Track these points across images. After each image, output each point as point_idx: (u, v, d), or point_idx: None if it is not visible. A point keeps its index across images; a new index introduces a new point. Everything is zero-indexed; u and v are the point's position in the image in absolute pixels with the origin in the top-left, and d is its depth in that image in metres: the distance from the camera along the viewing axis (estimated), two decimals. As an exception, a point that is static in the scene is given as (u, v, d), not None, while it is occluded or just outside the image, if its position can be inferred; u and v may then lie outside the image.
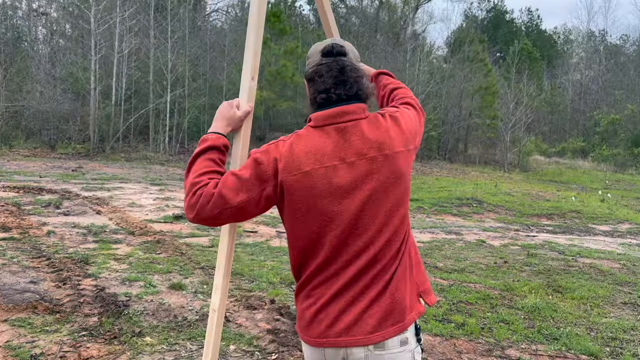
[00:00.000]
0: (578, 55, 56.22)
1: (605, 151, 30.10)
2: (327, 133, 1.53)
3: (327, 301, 1.52)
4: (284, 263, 5.96)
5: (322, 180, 1.49)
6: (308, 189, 1.49)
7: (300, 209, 1.51)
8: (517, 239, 8.88)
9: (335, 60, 1.59)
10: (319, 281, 1.55)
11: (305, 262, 1.57)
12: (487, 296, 5.29)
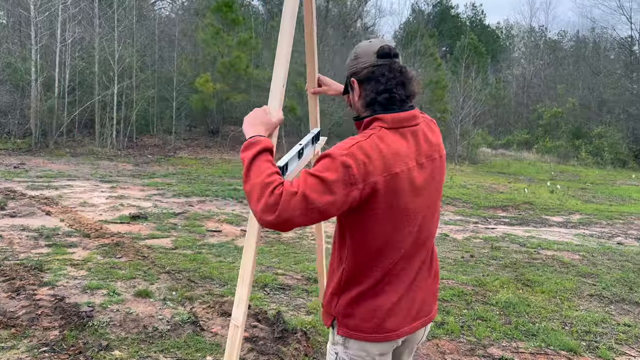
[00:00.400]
0: (520, 50, 58.33)
1: (549, 143, 31.31)
2: (404, 135, 1.63)
3: (403, 294, 1.68)
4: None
5: (405, 181, 1.58)
6: (393, 190, 1.56)
7: (384, 208, 1.57)
8: (478, 231, 9.01)
9: (393, 62, 1.68)
10: (393, 276, 1.66)
11: (377, 261, 1.65)
12: (462, 292, 5.29)
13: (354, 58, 1.73)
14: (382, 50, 1.67)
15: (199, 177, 13.50)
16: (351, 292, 1.68)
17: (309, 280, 5.30)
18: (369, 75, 1.67)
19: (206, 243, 6.63)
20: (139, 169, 14.58)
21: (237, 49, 20.08)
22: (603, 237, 9.22)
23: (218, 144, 21.63)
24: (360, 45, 1.75)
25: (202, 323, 4.12)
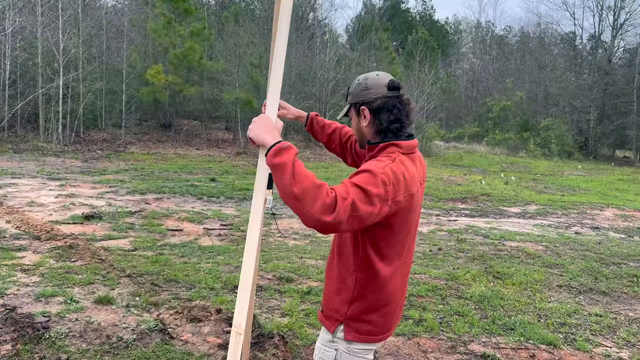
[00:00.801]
0: (467, 45, 59.75)
1: (498, 136, 32.18)
2: (414, 160, 1.87)
3: (400, 295, 1.94)
4: (221, 264, 5.48)
5: (415, 200, 1.82)
6: (408, 208, 1.78)
7: (399, 224, 1.79)
8: (442, 224, 9.03)
9: (401, 95, 1.90)
10: (397, 282, 1.89)
11: (390, 270, 1.84)
12: (435, 287, 5.21)
13: (365, 88, 1.90)
14: (392, 83, 1.88)
15: (153, 173, 12.98)
16: (367, 300, 1.84)
17: (280, 280, 5.09)
18: (381, 106, 1.86)
19: (167, 243, 6.30)
20: (88, 165, 13.89)
21: (190, 39, 19.46)
22: (560, 227, 9.44)
23: (171, 138, 20.96)
24: (369, 77, 1.92)
25: (170, 330, 3.84)
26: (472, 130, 35.17)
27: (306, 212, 1.54)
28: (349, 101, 1.97)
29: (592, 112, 32.74)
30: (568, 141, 30.47)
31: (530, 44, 44.86)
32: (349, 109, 1.98)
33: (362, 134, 1.95)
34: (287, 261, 5.78)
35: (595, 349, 4.05)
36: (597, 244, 7.90)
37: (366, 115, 1.90)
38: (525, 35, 52.30)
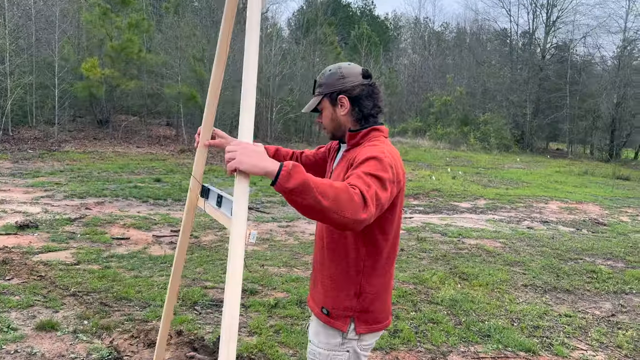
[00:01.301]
0: (407, 41, 60.79)
1: (440, 130, 32.83)
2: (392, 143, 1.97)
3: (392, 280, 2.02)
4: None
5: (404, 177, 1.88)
6: (403, 189, 1.88)
7: (399, 205, 1.88)
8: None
9: (374, 82, 1.97)
10: (392, 267, 1.98)
11: (391, 255, 1.93)
12: (405, 292, 5.03)
13: (341, 77, 1.92)
14: (366, 72, 1.94)
15: (92, 174, 12.17)
16: (372, 290, 1.88)
17: (243, 292, 4.74)
18: (360, 93, 1.91)
19: (114, 254, 5.78)
20: (19, 166, 12.84)
21: (128, 31, 18.46)
22: (512, 221, 9.58)
23: (109, 135, 19.88)
24: (342, 66, 1.96)
25: (126, 359, 3.43)
26: (415, 125, 35.69)
27: (342, 219, 1.52)
28: (321, 92, 1.96)
29: (528, 107, 34.02)
30: (506, 135, 31.52)
31: (468, 40, 46.12)
32: (320, 100, 1.96)
33: (339, 124, 1.97)
34: (249, 269, 5.44)
35: (572, 353, 3.98)
36: (550, 239, 8.02)
37: (344, 104, 1.92)
38: (462, 31, 53.80)
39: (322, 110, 1.99)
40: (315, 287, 2.02)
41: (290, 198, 1.50)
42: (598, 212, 11.72)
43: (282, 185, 1.48)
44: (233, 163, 1.48)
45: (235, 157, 1.47)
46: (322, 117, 2.01)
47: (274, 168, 1.48)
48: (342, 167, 1.94)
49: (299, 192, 1.47)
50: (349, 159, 1.90)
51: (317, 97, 1.97)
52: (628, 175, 22.36)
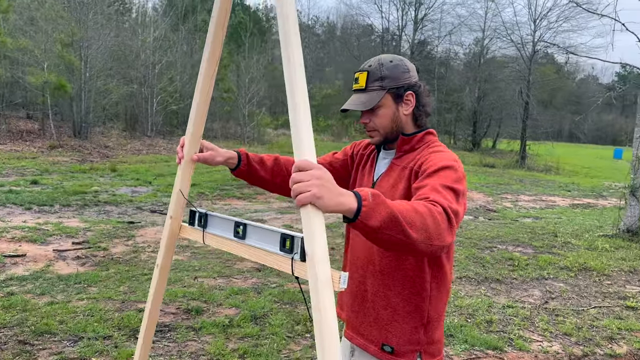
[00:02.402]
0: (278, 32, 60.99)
1: (322, 122, 33.40)
2: None
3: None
4: (100, 300, 4.34)
5: None
6: None
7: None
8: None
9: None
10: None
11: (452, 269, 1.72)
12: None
13: (406, 70, 1.68)
14: (417, 67, 1.75)
15: (-53, 176, 10.34)
16: (437, 317, 1.65)
17: (188, 312, 4.20)
18: (422, 91, 1.70)
19: (12, 276, 4.83)
20: None
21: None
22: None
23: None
24: (403, 58, 1.72)
25: (73, 412, 2.80)
26: (297, 117, 35.88)
27: (430, 248, 1.29)
28: (384, 85, 1.65)
29: (402, 100, 35.85)
30: (383, 126, 32.96)
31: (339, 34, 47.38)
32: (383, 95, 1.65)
33: (398, 125, 1.71)
34: (182, 284, 4.87)
35: (531, 346, 4.08)
36: (460, 228, 8.37)
37: (410, 101, 1.69)
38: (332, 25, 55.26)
39: (379, 108, 1.68)
40: (366, 320, 1.71)
41: (373, 237, 1.24)
42: (484, 199, 12.60)
43: (365, 224, 1.19)
44: (307, 197, 1.15)
45: (311, 190, 1.15)
46: (373, 116, 1.70)
47: (353, 203, 1.19)
48: (395, 179, 1.69)
49: (385, 228, 1.21)
50: (406, 168, 1.66)
51: (379, 92, 1.65)
52: (493, 163, 24.59)
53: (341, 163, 1.96)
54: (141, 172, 12.47)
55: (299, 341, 3.83)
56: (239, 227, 1.55)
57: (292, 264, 1.34)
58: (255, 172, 1.90)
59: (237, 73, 26.98)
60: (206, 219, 1.68)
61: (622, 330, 4.50)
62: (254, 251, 1.50)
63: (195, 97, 1.76)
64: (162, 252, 1.80)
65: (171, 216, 1.78)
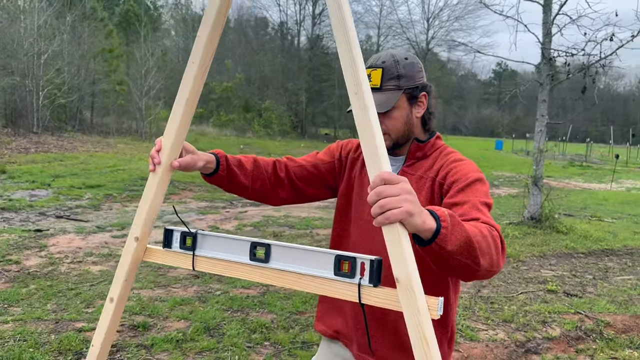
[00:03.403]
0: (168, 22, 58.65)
1: (223, 117, 32.68)
2: None
3: None
4: (29, 322, 3.84)
5: None
6: None
7: None
8: (241, 218, 8.52)
9: None
10: None
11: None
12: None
13: (420, 70, 1.57)
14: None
15: None
16: (453, 322, 1.60)
17: (134, 329, 3.86)
18: (432, 92, 1.60)
19: None
20: None
21: None
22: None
23: None
24: (415, 55, 1.62)
25: None
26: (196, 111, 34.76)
27: (492, 275, 1.25)
28: (400, 85, 1.52)
29: (303, 95, 36.13)
30: (286, 121, 33.00)
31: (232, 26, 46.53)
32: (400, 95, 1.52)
33: (411, 128, 1.58)
34: (117, 298, 4.47)
35: (479, 334, 4.27)
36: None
37: (423, 103, 1.59)
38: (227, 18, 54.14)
39: (393, 110, 1.54)
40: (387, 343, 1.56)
41: (442, 262, 1.15)
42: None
43: (442, 248, 1.11)
44: (399, 213, 1.03)
45: (403, 206, 1.03)
46: (386, 118, 1.54)
47: (433, 223, 1.10)
48: (416, 186, 1.54)
49: (457, 254, 1.13)
50: (425, 178, 1.54)
51: (396, 92, 1.52)
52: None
53: (327, 166, 1.75)
54: (35, 173, 11.34)
55: (260, 350, 3.68)
56: (258, 248, 1.32)
57: (359, 291, 1.16)
58: (235, 177, 1.64)
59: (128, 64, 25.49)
60: (195, 239, 1.41)
61: (551, 313, 4.86)
62: (286, 276, 1.28)
63: (184, 94, 1.46)
64: (120, 283, 1.47)
65: (137, 237, 1.45)
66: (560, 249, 7.57)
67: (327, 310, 1.72)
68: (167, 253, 1.45)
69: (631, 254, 7.50)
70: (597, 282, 6.02)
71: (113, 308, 1.45)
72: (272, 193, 1.70)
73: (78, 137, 19.35)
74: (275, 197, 1.71)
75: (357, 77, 1.13)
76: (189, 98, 1.43)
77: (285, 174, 1.70)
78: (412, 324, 1.05)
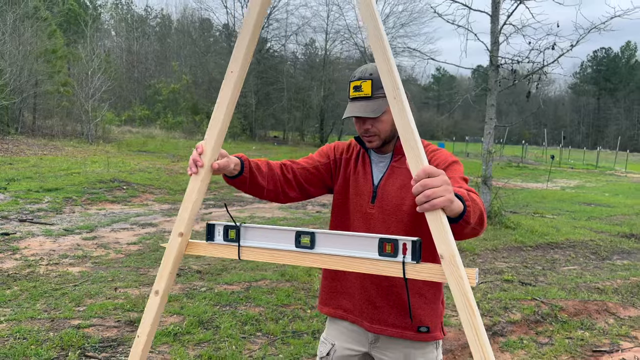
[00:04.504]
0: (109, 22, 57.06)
1: (171, 119, 32.19)
2: None
3: None
4: (25, 320, 3.89)
5: None
6: None
7: None
8: (208, 219, 8.62)
9: None
10: None
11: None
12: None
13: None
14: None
15: None
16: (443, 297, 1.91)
17: (131, 324, 3.98)
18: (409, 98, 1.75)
19: None
20: None
21: None
22: (299, 208, 10.25)
23: None
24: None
25: None
26: (142, 113, 34.07)
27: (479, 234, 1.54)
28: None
29: (252, 98, 36.13)
30: (236, 124, 32.90)
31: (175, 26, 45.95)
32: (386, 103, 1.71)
33: (394, 129, 1.76)
34: (105, 297, 4.56)
35: (451, 320, 4.65)
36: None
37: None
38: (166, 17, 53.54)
39: (382, 114, 1.74)
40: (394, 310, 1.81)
41: (462, 231, 1.41)
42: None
43: (467, 222, 1.37)
44: (442, 201, 1.25)
45: (444, 195, 1.26)
46: (376, 122, 1.75)
47: (460, 205, 1.34)
48: (402, 180, 1.80)
49: (475, 224, 1.41)
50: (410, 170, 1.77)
51: (384, 99, 1.66)
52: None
53: (325, 167, 1.95)
54: (-17, 177, 10.95)
55: (254, 340, 3.90)
56: (303, 237, 1.49)
57: (404, 267, 1.36)
58: (254, 178, 1.79)
59: (70, 65, 24.69)
60: (239, 232, 1.55)
61: (511, 300, 5.33)
62: (334, 259, 1.46)
63: (224, 101, 1.62)
64: (165, 276, 1.58)
65: (181, 233, 1.57)
66: (510, 243, 8.17)
67: (332, 294, 1.93)
68: (210, 246, 1.57)
69: (574, 247, 8.21)
70: (547, 272, 6.60)
71: (158, 301, 1.56)
72: (282, 193, 1.87)
73: (22, 139, 18.61)
74: (285, 196, 1.89)
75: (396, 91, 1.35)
76: (228, 104, 1.59)
77: (292, 175, 1.88)
78: (457, 291, 1.27)
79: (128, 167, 13.27)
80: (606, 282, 6.23)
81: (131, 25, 49.43)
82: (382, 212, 1.80)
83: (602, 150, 44.81)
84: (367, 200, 1.84)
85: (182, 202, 1.56)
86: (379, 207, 1.82)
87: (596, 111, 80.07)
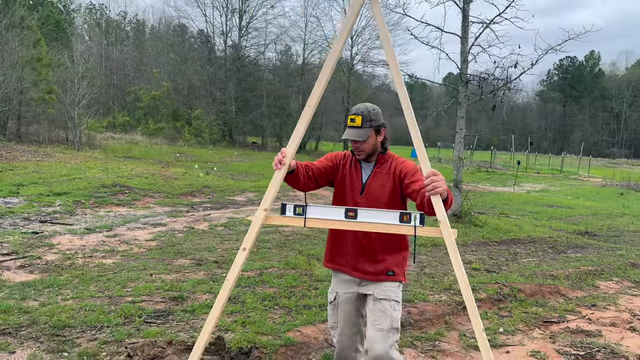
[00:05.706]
0: (82, 27, 56.97)
1: (152, 125, 32.71)
2: None
3: None
4: (87, 298, 4.76)
5: None
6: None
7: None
8: (209, 220, 9.49)
9: None
10: None
11: None
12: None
13: (380, 114, 2.83)
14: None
15: None
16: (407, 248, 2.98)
17: (175, 300, 4.90)
18: (387, 126, 2.86)
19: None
20: None
21: None
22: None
23: None
24: (377, 107, 2.84)
25: (145, 376, 3.51)
26: (122, 119, 34.50)
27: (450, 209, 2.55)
28: (371, 125, 2.78)
29: (232, 104, 36.87)
30: (216, 130, 33.61)
31: (149, 32, 46.36)
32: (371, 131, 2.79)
33: (375, 147, 2.84)
34: (145, 281, 5.45)
35: (429, 297, 5.68)
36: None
37: (382, 133, 2.83)
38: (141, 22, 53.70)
39: (368, 138, 2.77)
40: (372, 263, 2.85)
41: (446, 208, 2.45)
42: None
43: (451, 202, 2.50)
44: (442, 190, 2.41)
45: (443, 186, 2.40)
46: (364, 143, 2.79)
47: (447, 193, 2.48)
48: (382, 180, 2.83)
49: (449, 206, 2.51)
50: (389, 173, 2.82)
51: (369, 129, 2.78)
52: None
53: (331, 169, 2.94)
54: (-10, 182, 11.60)
55: (274, 311, 4.86)
56: (350, 212, 2.52)
57: (415, 228, 2.48)
58: (299, 174, 2.74)
59: (53, 72, 25.12)
60: (304, 209, 2.51)
61: (478, 283, 6.39)
62: (367, 225, 2.50)
63: (306, 113, 2.52)
64: (251, 238, 2.47)
65: (265, 209, 2.48)
66: (478, 238, 9.28)
67: (333, 255, 2.98)
68: (284, 218, 2.55)
69: (534, 242, 9.37)
70: (509, 263, 7.70)
71: (245, 255, 2.51)
72: (305, 185, 2.84)
73: (13, 146, 19.10)
74: (308, 187, 2.89)
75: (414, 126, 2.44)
76: (304, 129, 2.59)
77: (312, 173, 2.90)
78: (448, 241, 2.38)
79: (125, 173, 14.01)
80: (559, 270, 7.35)
81: (105, 30, 49.60)
82: (368, 201, 2.85)
83: (567, 156, 46.98)
84: (357, 192, 2.91)
85: (268, 188, 2.53)
86: (365, 197, 2.87)
87: (562, 118, 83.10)
